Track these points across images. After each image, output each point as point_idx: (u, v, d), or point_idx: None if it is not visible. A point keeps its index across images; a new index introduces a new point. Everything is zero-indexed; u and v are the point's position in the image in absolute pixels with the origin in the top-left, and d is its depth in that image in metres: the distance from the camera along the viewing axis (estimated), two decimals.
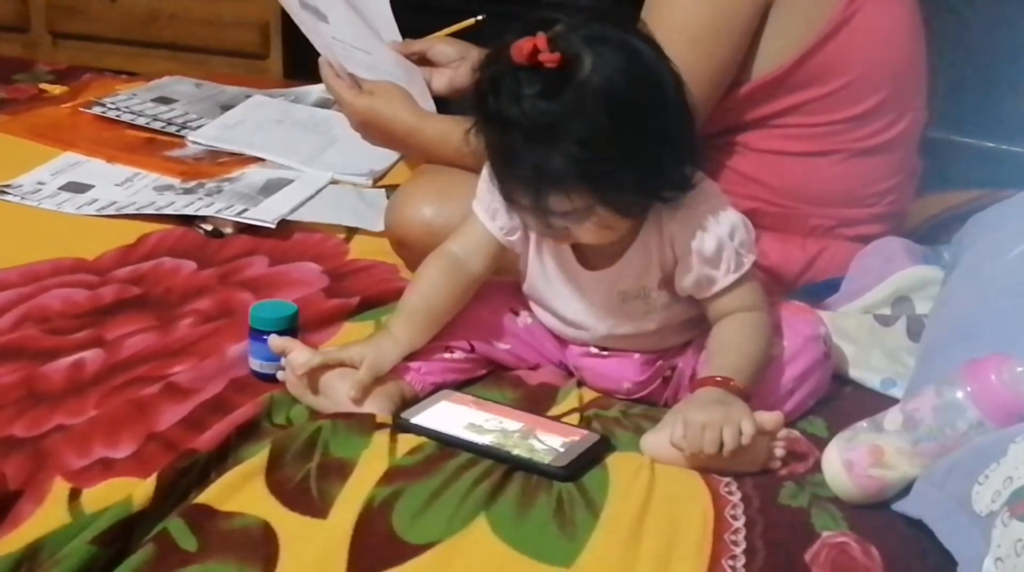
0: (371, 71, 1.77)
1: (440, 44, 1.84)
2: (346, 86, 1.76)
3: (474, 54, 1.81)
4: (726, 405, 1.28)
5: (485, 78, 1.29)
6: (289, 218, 1.96)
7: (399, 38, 1.82)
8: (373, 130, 1.76)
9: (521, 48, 1.24)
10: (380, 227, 1.84)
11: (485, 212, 1.44)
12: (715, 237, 1.35)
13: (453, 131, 1.66)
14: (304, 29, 1.81)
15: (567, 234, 1.34)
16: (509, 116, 1.26)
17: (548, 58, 1.23)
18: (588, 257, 1.41)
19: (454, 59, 1.83)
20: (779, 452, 1.31)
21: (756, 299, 1.40)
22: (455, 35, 1.87)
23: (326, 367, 1.39)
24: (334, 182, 2.12)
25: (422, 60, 1.83)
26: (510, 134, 1.27)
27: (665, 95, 1.29)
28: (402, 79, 1.76)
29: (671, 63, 1.30)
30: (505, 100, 1.26)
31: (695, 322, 1.45)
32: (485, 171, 1.43)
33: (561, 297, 1.45)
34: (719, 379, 1.31)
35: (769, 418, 1.30)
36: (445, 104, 1.81)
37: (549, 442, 1.32)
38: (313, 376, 1.39)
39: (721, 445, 1.25)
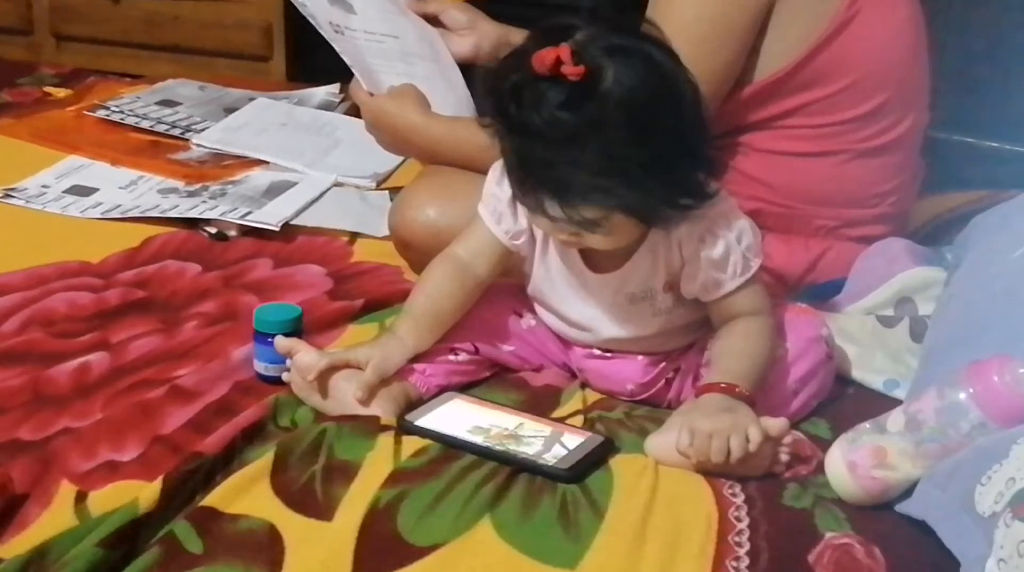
0: (404, 59, 1.79)
1: (453, 9, 1.86)
2: (364, 88, 1.78)
3: (483, 25, 1.87)
4: (732, 412, 1.28)
5: (506, 87, 1.29)
6: (292, 223, 1.97)
7: None
8: (381, 128, 1.78)
9: (544, 59, 1.24)
10: (383, 232, 1.85)
11: (491, 216, 1.45)
12: (723, 241, 1.36)
13: (457, 132, 1.67)
14: (330, 39, 1.81)
15: (579, 239, 1.34)
16: (530, 126, 1.26)
17: (572, 71, 1.23)
18: (595, 260, 1.41)
19: (464, 26, 1.87)
20: (783, 457, 1.32)
21: (761, 303, 1.40)
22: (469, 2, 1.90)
23: (332, 369, 1.40)
24: (338, 185, 2.12)
25: (434, 22, 1.86)
26: (530, 143, 1.27)
27: (684, 106, 1.29)
28: (428, 55, 1.78)
29: (689, 74, 1.31)
30: (527, 110, 1.26)
31: (699, 324, 1.45)
32: (491, 175, 1.43)
33: (566, 299, 1.45)
34: (724, 385, 1.32)
35: (774, 424, 1.30)
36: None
37: (553, 443, 1.32)
38: (320, 378, 1.39)
39: (728, 452, 1.25)
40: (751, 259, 1.38)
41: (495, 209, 1.44)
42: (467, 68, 1.85)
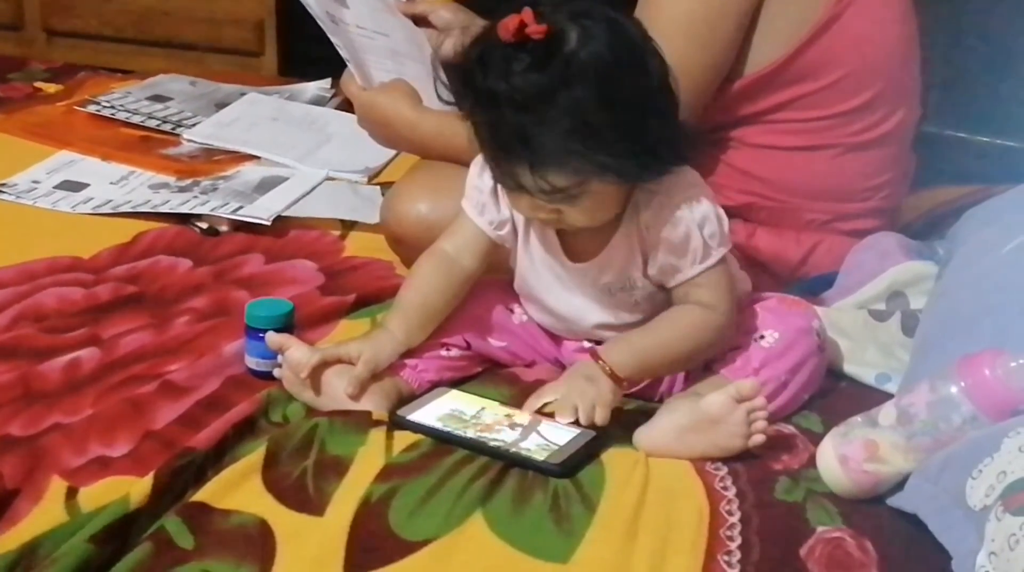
0: (393, 58, 1.79)
1: (443, 9, 1.86)
2: (356, 82, 1.77)
3: (472, 24, 1.84)
4: (592, 382, 1.33)
5: (473, 57, 1.30)
6: (285, 214, 1.96)
7: None
8: (372, 121, 1.77)
9: (507, 25, 1.25)
10: (376, 219, 1.84)
11: (474, 208, 1.45)
12: (684, 225, 1.35)
13: (448, 127, 1.67)
14: (328, 31, 1.81)
15: (559, 217, 1.34)
16: (499, 92, 1.27)
17: (535, 30, 1.25)
18: (573, 249, 1.41)
19: (453, 26, 1.85)
20: (760, 424, 1.31)
21: (718, 299, 1.37)
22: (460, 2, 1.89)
23: (324, 364, 1.40)
24: (329, 179, 2.12)
25: (423, 22, 1.85)
26: (500, 110, 1.28)
27: (650, 67, 1.30)
28: (416, 56, 1.78)
29: (653, 41, 1.32)
30: (494, 76, 1.27)
31: None
32: (473, 168, 1.44)
33: (552, 290, 1.45)
34: (601, 360, 1.35)
35: (745, 385, 1.30)
36: None
37: (545, 439, 1.32)
38: (312, 374, 1.39)
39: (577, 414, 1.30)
40: (713, 247, 1.37)
41: (478, 201, 1.44)
42: None
